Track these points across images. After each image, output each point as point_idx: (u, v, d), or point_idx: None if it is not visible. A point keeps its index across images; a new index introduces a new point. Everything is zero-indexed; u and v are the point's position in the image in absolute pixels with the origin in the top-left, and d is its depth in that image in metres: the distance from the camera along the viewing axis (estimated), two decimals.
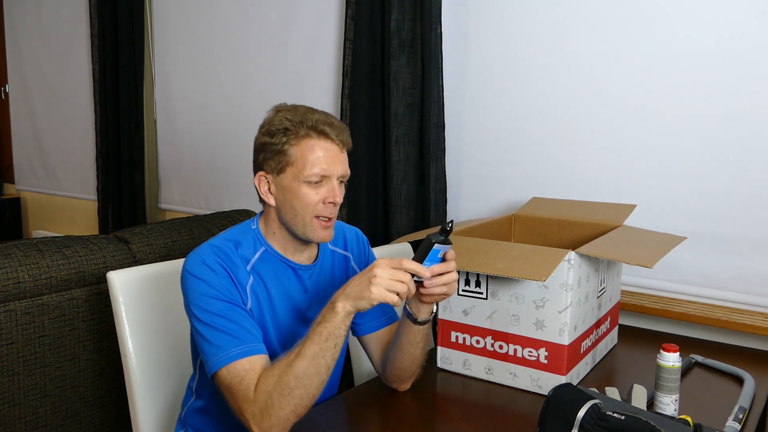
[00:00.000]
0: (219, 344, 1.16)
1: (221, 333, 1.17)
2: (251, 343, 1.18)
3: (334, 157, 1.25)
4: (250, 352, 1.16)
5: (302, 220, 1.25)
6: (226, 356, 1.15)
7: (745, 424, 1.24)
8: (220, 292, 1.20)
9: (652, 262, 1.32)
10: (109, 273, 1.49)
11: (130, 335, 1.47)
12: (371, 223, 2.32)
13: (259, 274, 1.28)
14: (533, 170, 2.07)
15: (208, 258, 1.23)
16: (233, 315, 1.19)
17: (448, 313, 1.51)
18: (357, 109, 2.30)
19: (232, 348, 1.16)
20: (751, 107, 1.70)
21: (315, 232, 1.26)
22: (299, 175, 1.23)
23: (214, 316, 1.18)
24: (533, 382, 1.41)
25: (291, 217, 1.26)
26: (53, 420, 1.90)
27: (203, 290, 1.20)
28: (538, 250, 1.36)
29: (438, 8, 2.10)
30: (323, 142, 1.24)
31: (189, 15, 3.10)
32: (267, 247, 1.30)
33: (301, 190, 1.24)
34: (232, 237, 1.29)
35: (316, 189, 1.24)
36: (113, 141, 3.42)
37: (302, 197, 1.24)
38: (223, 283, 1.21)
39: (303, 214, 1.24)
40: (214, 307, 1.19)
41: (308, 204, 1.24)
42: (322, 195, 1.24)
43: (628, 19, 1.86)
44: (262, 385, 1.12)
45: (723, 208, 1.76)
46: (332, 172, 1.25)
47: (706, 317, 1.78)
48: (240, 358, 1.15)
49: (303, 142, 1.23)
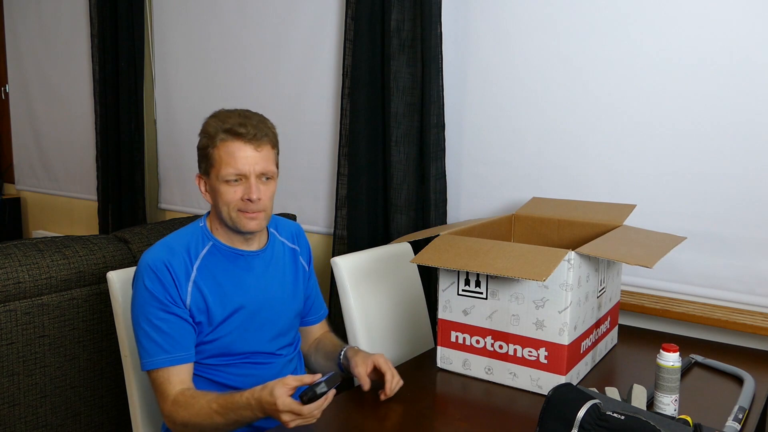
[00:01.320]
0: (148, 350, 1.32)
1: (151, 341, 1.32)
2: (174, 353, 1.32)
3: (249, 157, 1.34)
4: (172, 362, 1.32)
5: (228, 215, 1.37)
6: (151, 362, 1.32)
7: (745, 424, 1.24)
8: (158, 300, 1.33)
9: (652, 262, 1.32)
10: (110, 273, 1.53)
11: (130, 335, 1.47)
12: (371, 223, 2.32)
13: (208, 268, 1.38)
14: (533, 170, 2.07)
15: (154, 262, 1.34)
16: (165, 325, 1.32)
17: (448, 313, 1.51)
18: (357, 109, 2.30)
19: (158, 355, 1.32)
20: (750, 108, 1.70)
21: (242, 223, 1.37)
22: (218, 176, 1.35)
23: (150, 322, 1.32)
24: (533, 382, 1.41)
25: (221, 213, 1.38)
26: (53, 420, 1.90)
27: (145, 295, 1.33)
28: (538, 250, 1.36)
29: (438, 8, 2.10)
30: (237, 143, 1.33)
31: (189, 15, 3.10)
32: (214, 242, 1.41)
33: (221, 188, 1.35)
34: (181, 236, 1.41)
35: (234, 187, 1.35)
36: (113, 141, 3.42)
37: (223, 195, 1.35)
38: (161, 290, 1.33)
39: (227, 210, 1.36)
40: (151, 313, 1.33)
41: (228, 201, 1.35)
42: (240, 193, 1.35)
43: (628, 19, 1.86)
44: (182, 409, 1.28)
45: (723, 209, 1.76)
46: (247, 171, 1.34)
47: (706, 317, 1.78)
48: (162, 366, 1.31)
49: (220, 144, 1.34)
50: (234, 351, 1.41)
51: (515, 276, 1.30)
